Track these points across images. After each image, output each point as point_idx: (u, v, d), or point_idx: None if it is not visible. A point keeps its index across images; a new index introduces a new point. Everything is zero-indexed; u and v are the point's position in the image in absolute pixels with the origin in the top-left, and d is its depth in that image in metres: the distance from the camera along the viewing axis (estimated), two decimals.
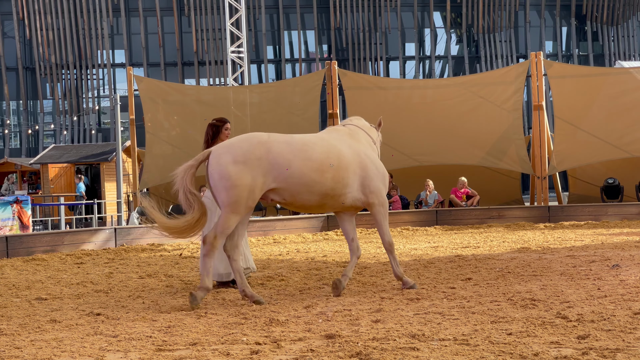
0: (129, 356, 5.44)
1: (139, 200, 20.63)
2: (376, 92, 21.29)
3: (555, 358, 4.93)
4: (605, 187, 20.62)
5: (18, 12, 43.80)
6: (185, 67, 46.10)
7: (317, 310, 7.11)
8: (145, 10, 45.30)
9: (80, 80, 44.69)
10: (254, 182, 7.61)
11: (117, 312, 7.41)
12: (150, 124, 20.52)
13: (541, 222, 18.11)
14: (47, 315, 7.30)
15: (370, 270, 10.14)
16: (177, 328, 6.42)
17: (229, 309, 7.36)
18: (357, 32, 45.85)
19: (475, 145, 20.28)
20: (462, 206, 19.34)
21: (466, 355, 5.07)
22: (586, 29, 47.67)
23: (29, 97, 45.41)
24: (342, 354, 5.24)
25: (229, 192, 7.58)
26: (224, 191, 7.62)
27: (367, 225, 17.62)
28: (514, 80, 20.66)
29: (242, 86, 27.34)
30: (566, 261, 10.28)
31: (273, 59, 47.11)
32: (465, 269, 9.85)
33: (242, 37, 29.83)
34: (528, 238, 14.40)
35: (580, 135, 20.22)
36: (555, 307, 6.76)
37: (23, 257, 12.91)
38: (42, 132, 45.06)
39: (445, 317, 6.51)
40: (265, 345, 5.64)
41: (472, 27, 46.70)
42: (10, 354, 5.59)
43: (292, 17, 46.92)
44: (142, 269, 11.23)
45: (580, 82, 20.90)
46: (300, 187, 7.83)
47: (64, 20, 43.87)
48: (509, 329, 5.87)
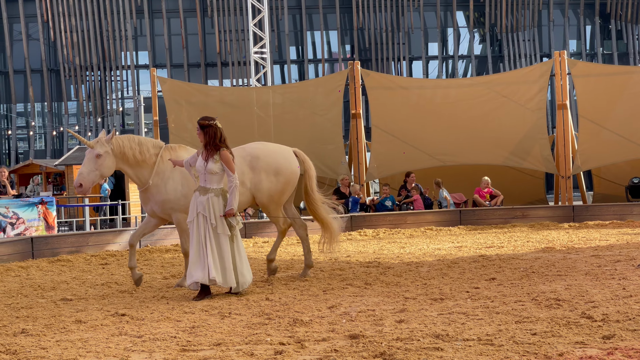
0: (153, 356, 5.47)
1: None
2: (399, 92, 21.24)
3: (580, 358, 4.91)
4: (630, 186, 20.44)
5: (42, 14, 44.13)
6: (209, 68, 46.24)
7: (340, 311, 7.11)
8: (168, 12, 45.49)
9: (104, 82, 44.96)
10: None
11: (141, 312, 7.45)
12: (173, 125, 20.60)
13: (565, 221, 17.99)
14: (72, 316, 7.36)
15: (394, 270, 10.12)
16: (201, 328, 6.45)
17: (253, 310, 7.38)
18: (380, 32, 45.78)
19: (498, 145, 20.18)
20: (486, 206, 19.26)
21: (490, 356, 5.05)
22: (610, 28, 47.31)
23: (53, 99, 45.74)
24: (365, 354, 5.24)
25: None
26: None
27: (390, 226, 17.60)
28: (537, 80, 20.53)
29: (265, 87, 27.38)
30: (591, 261, 10.21)
31: (296, 60, 47.15)
32: (489, 269, 9.81)
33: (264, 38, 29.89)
34: (552, 238, 14.32)
35: (604, 134, 20.06)
36: (580, 307, 6.72)
37: (48, 258, 13.01)
38: (67, 134, 45.37)
39: (469, 317, 6.49)
40: (289, 345, 5.65)
41: (496, 26, 46.48)
42: (36, 354, 5.64)
43: (314, 17, 46.93)
44: (166, 269, 11.28)
45: (604, 81, 20.73)
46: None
47: (87, 22, 44.15)
48: (534, 329, 5.85)
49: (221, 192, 8.46)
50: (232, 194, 8.39)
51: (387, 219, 17.97)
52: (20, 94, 45.62)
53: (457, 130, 20.44)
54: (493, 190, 19.62)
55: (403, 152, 20.17)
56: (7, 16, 44.41)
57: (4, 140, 45.70)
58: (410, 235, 16.52)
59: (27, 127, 45.18)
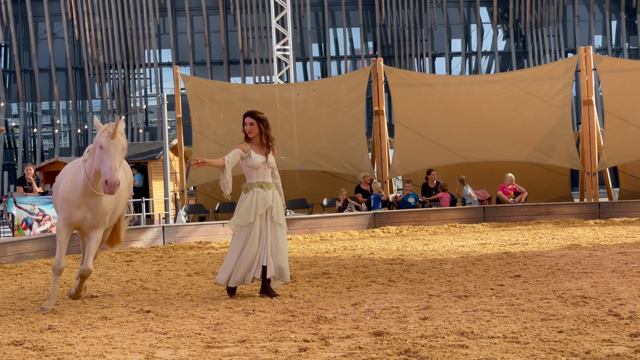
0: (178, 353, 5.48)
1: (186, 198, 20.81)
2: (422, 89, 21.17)
3: (608, 356, 4.86)
4: None
5: (67, 13, 44.41)
6: (231, 66, 46.34)
7: (364, 308, 7.09)
8: (191, 10, 45.63)
9: (128, 80, 45.17)
10: None
11: (166, 309, 7.48)
12: (196, 123, 20.66)
13: (591, 218, 17.86)
14: (97, 312, 7.40)
15: (418, 267, 10.09)
16: (225, 325, 6.46)
17: (277, 307, 7.38)
18: (403, 29, 45.66)
19: (523, 142, 20.07)
20: (510, 203, 19.16)
21: (516, 353, 5.02)
22: (636, 23, 46.88)
23: (78, 97, 46.03)
24: (390, 352, 5.22)
25: None
26: None
27: (413, 222, 17.56)
28: (562, 75, 20.40)
29: (287, 84, 27.39)
30: (617, 258, 10.13)
31: (318, 57, 47.13)
32: (514, 266, 9.76)
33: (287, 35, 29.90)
34: (578, 235, 14.22)
35: (631, 130, 19.90)
36: (607, 304, 6.66)
37: (73, 255, 13.09)
38: (91, 132, 45.63)
39: (494, 314, 6.46)
40: (313, 342, 5.65)
41: (520, 22, 46.21)
42: (63, 350, 5.67)
43: (337, 14, 46.89)
44: (190, 266, 11.32)
45: (630, 77, 20.55)
46: None
47: (111, 20, 44.38)
48: (560, 326, 5.80)
49: (279, 185, 8.40)
50: (281, 188, 8.40)
51: (410, 215, 17.93)
52: (45, 92, 45.95)
53: (481, 126, 20.35)
54: (517, 186, 19.53)
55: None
56: (32, 15, 44.73)
57: (30, 138, 46.04)
58: (433, 232, 16.47)
59: (52, 125, 45.51)
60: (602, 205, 18.55)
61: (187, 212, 20.17)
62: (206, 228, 15.93)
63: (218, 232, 15.76)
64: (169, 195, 24.39)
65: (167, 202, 24.27)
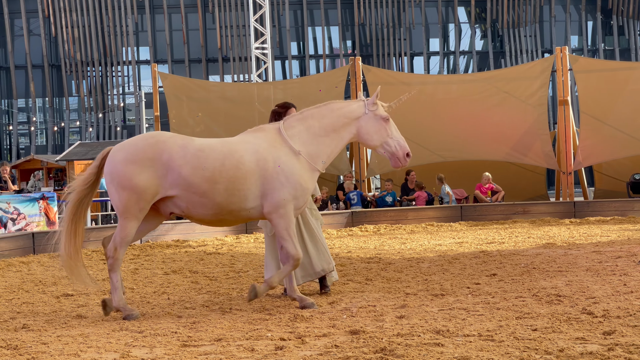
0: (154, 352, 5.47)
1: None
2: (400, 88, 21.17)
3: (581, 354, 4.90)
4: (631, 182, 20.43)
5: (43, 9, 44.12)
6: (210, 64, 46.23)
7: (341, 306, 7.11)
8: (169, 7, 45.47)
9: (105, 78, 44.95)
10: (146, 184, 6.85)
11: (142, 308, 7.46)
12: (174, 121, 20.59)
13: (567, 217, 17.98)
14: (73, 311, 7.37)
15: (395, 266, 10.12)
16: (202, 324, 6.45)
17: (254, 305, 7.38)
18: (381, 28, 45.75)
19: (500, 141, 20.17)
20: (487, 202, 19.26)
21: (491, 351, 5.06)
22: (612, 23, 47.25)
23: (54, 94, 45.74)
24: (366, 350, 5.24)
25: (119, 195, 6.90)
26: (115, 194, 6.94)
27: (391, 221, 17.60)
28: (539, 75, 20.52)
29: (266, 82, 27.36)
30: (592, 257, 10.21)
31: (297, 55, 47.12)
32: (490, 265, 9.81)
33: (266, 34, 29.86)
34: (553, 234, 14.31)
35: (606, 130, 20.05)
36: (581, 302, 6.72)
37: (49, 254, 13.01)
38: (68, 129, 45.39)
39: (470, 313, 6.49)
40: (289, 341, 5.65)
41: (497, 22, 46.43)
42: (37, 349, 5.64)
43: (316, 13, 46.90)
44: (167, 265, 11.29)
45: (606, 77, 20.72)
46: (194, 198, 6.96)
47: (89, 17, 44.13)
48: (534, 324, 5.85)
49: None
50: None
51: (388, 214, 17.97)
52: (21, 89, 45.63)
53: (459, 126, 20.42)
54: (494, 185, 19.63)
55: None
56: (9, 11, 44.40)
57: (5, 136, 45.71)
58: (411, 231, 16.52)
59: (28, 123, 45.19)
60: (577, 205, 18.67)
61: None
62: (183, 226, 15.89)
63: (195, 230, 15.72)
64: None
65: None
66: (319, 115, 7.62)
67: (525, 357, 4.87)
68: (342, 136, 7.59)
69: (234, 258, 11.91)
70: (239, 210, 7.09)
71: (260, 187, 7.07)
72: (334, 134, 7.53)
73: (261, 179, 7.07)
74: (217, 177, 6.93)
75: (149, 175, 6.86)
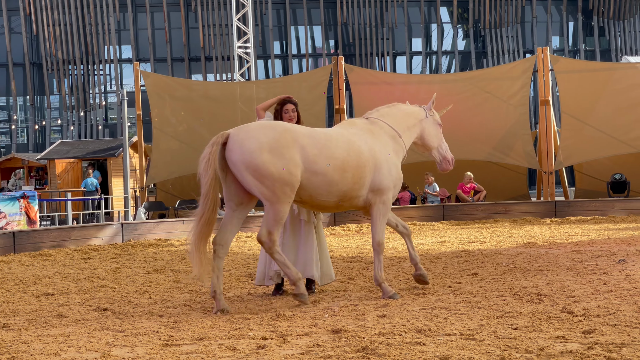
0: (135, 351, 5.45)
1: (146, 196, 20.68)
2: (383, 88, 21.26)
3: (561, 353, 4.93)
4: (611, 182, 20.58)
5: (25, 7, 43.86)
6: (192, 63, 46.12)
7: (323, 305, 7.11)
8: (152, 6, 45.32)
9: (87, 76, 44.74)
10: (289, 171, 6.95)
11: (123, 307, 7.43)
12: (157, 120, 20.54)
13: (548, 217, 18.08)
14: (54, 311, 7.33)
15: None
16: (183, 323, 6.44)
17: (236, 304, 7.38)
18: (364, 28, 45.80)
19: (481, 141, 20.25)
20: (469, 201, 19.33)
21: (472, 350, 5.07)
22: (593, 24, 47.53)
23: (36, 92, 45.49)
24: (348, 349, 5.25)
25: (264, 184, 6.92)
26: (256, 182, 6.93)
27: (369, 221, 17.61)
28: (520, 76, 20.62)
29: (249, 81, 27.33)
30: (572, 256, 10.27)
31: (280, 55, 47.09)
32: (472, 264, 9.85)
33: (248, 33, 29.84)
34: (534, 233, 14.39)
35: (587, 130, 20.18)
36: (561, 301, 6.76)
37: (30, 253, 12.95)
38: (49, 128, 45.15)
39: (452, 312, 6.51)
40: (271, 340, 5.65)
41: (479, 23, 46.60)
42: (17, 348, 5.61)
43: (299, 12, 46.89)
44: (149, 264, 11.25)
45: (586, 78, 20.86)
46: (322, 186, 7.17)
47: (70, 15, 43.92)
48: (515, 323, 5.87)
49: None
50: None
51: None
52: (2, 87, 45.35)
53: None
54: (476, 185, 19.70)
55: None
56: None
57: None
58: (393, 230, 16.52)
59: (9, 121, 44.90)
60: (558, 204, 18.78)
61: (146, 210, 20.05)
62: (166, 225, 15.85)
63: (178, 229, 15.69)
64: (129, 192, 24.23)
65: (126, 199, 24.11)
66: (394, 113, 8.11)
67: (506, 356, 4.89)
68: (412, 134, 8.17)
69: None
70: (357, 198, 7.49)
71: (372, 175, 7.51)
72: (408, 131, 8.10)
73: (374, 167, 7.52)
74: (346, 166, 7.26)
75: (290, 163, 6.96)
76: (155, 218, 19.68)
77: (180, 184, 21.28)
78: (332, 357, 5.05)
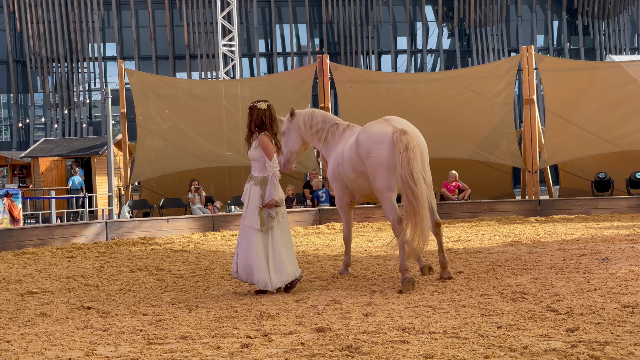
0: (119, 350, 5.44)
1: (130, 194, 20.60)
2: (368, 86, 21.28)
3: (545, 351, 4.95)
4: (595, 180, 20.66)
5: (9, 5, 43.62)
6: (177, 61, 46.00)
7: (308, 304, 7.11)
8: (136, 4, 45.17)
9: (71, 74, 44.56)
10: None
11: (107, 305, 7.41)
12: (141, 118, 20.46)
13: (532, 215, 18.14)
14: (37, 309, 7.29)
15: (362, 263, 10.15)
16: (167, 322, 6.42)
17: (220, 303, 7.36)
18: (349, 26, 45.82)
19: (466, 139, 20.29)
20: (454, 200, 19.36)
21: (456, 348, 5.08)
22: (577, 23, 47.74)
23: (19, 90, 45.26)
24: (332, 347, 5.25)
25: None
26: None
27: (358, 219, 17.63)
28: (505, 74, 20.68)
29: (233, 80, 27.28)
30: (556, 255, 10.30)
31: (265, 53, 47.04)
32: (456, 263, 9.87)
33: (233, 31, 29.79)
34: (519, 232, 14.43)
35: (571, 129, 20.25)
36: (545, 300, 6.78)
37: (13, 251, 12.88)
38: (33, 126, 44.93)
39: (436, 310, 6.53)
40: (255, 338, 5.65)
41: (464, 21, 46.71)
42: (1, 347, 5.58)
43: (283, 10, 46.86)
44: (133, 262, 11.22)
45: (571, 76, 20.93)
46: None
47: (54, 13, 43.72)
48: (499, 322, 5.89)
49: (261, 180, 7.89)
50: (270, 183, 7.81)
51: (355, 212, 17.98)
52: None
53: (425, 124, 20.35)
54: (461, 184, 19.74)
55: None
56: None
57: None
58: (378, 228, 16.57)
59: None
60: (542, 203, 18.85)
61: (131, 208, 19.98)
62: (150, 224, 15.80)
63: (162, 227, 15.65)
64: (113, 191, 24.14)
65: (110, 198, 24.03)
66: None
67: (490, 354, 4.90)
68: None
69: (201, 255, 11.87)
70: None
71: None
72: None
73: None
74: None
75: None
76: (140, 216, 19.62)
77: (165, 183, 21.23)
78: (317, 356, 5.05)
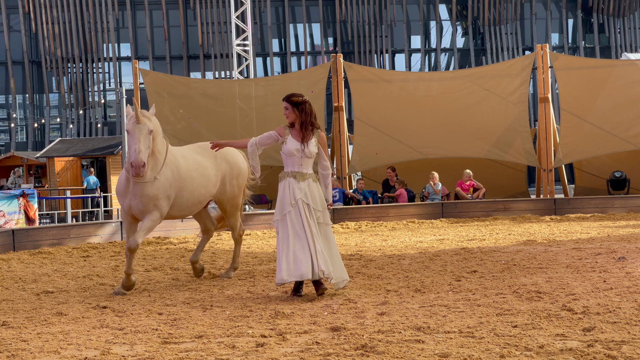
0: (135, 349, 5.45)
1: None
2: (382, 85, 21.25)
3: (561, 350, 4.93)
4: (611, 179, 20.56)
5: (24, 5, 43.82)
6: (191, 61, 46.09)
7: (322, 303, 7.11)
8: (150, 4, 45.29)
9: (86, 74, 44.72)
10: None
11: (123, 305, 7.43)
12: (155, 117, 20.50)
13: (547, 214, 18.08)
14: (53, 308, 7.32)
15: (376, 263, 10.14)
16: (182, 321, 6.44)
17: (235, 302, 7.37)
18: (363, 25, 45.78)
19: (480, 138, 20.24)
20: (468, 199, 19.32)
21: (471, 348, 5.07)
22: (592, 21, 47.52)
23: (35, 90, 45.47)
24: (347, 347, 5.25)
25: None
26: None
27: (372, 218, 17.63)
28: (519, 73, 20.60)
29: (247, 79, 27.31)
30: (572, 254, 10.26)
31: (278, 52, 47.07)
32: (471, 262, 9.84)
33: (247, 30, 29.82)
34: (534, 230, 14.38)
35: (586, 127, 20.16)
36: (561, 299, 6.75)
37: (29, 251, 12.94)
38: (48, 126, 45.12)
39: (451, 309, 6.51)
40: (270, 337, 5.65)
41: (478, 20, 46.57)
42: (17, 346, 5.61)
43: (297, 9, 46.87)
44: (148, 262, 11.25)
45: (586, 75, 20.83)
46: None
47: (69, 13, 43.89)
48: (515, 321, 5.87)
49: (315, 177, 7.66)
50: (329, 182, 7.70)
51: (369, 211, 18.00)
52: (1, 85, 45.34)
53: (440, 123, 20.49)
54: (475, 183, 19.68)
55: (376, 153, 20.25)
56: None
57: None
58: (392, 228, 16.55)
59: (8, 119, 44.89)
60: (557, 202, 18.77)
61: None
62: (164, 223, 15.80)
63: (176, 227, 15.68)
64: None
65: None
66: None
67: (506, 353, 4.89)
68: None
69: (215, 255, 11.89)
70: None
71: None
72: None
73: None
74: None
75: None
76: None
77: None
78: (331, 355, 5.05)
